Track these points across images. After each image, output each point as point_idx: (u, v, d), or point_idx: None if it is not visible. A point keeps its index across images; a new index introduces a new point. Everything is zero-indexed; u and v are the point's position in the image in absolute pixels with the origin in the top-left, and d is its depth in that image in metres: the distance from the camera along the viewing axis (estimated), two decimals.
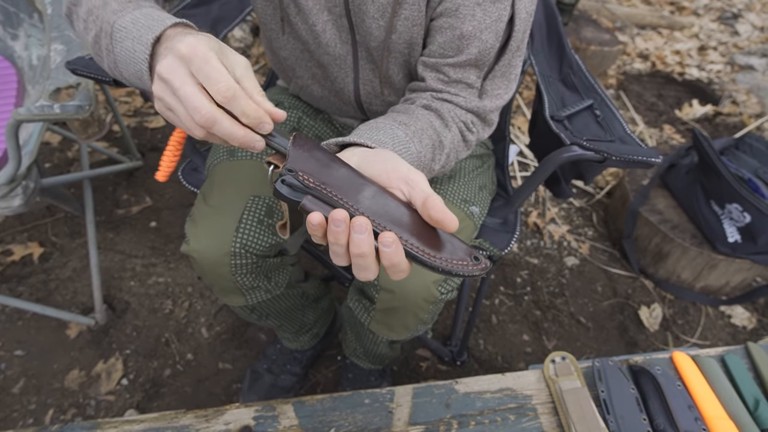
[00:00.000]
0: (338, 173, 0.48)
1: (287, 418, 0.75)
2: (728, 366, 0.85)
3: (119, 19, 0.52)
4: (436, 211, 0.44)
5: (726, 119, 2.47)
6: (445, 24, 0.66)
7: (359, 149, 0.54)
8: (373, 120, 0.64)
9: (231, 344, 1.34)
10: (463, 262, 0.45)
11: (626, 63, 2.89)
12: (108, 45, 0.54)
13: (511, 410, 0.78)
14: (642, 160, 0.77)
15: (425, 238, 0.45)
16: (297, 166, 0.47)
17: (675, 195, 1.64)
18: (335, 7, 0.70)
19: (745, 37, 3.38)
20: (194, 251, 0.77)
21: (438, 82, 0.70)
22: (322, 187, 0.46)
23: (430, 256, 0.44)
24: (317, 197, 0.46)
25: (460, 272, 0.44)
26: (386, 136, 0.58)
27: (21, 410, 1.18)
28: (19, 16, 1.20)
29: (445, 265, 0.44)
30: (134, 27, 0.51)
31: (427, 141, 0.64)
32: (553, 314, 1.51)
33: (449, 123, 0.69)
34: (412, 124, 0.63)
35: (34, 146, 1.05)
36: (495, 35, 0.66)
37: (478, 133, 0.74)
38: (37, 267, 1.46)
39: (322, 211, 0.45)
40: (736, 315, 1.57)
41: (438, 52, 0.69)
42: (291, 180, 0.46)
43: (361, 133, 0.58)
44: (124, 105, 2.07)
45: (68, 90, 0.94)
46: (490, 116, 0.74)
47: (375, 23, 0.69)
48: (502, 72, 0.71)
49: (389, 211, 0.46)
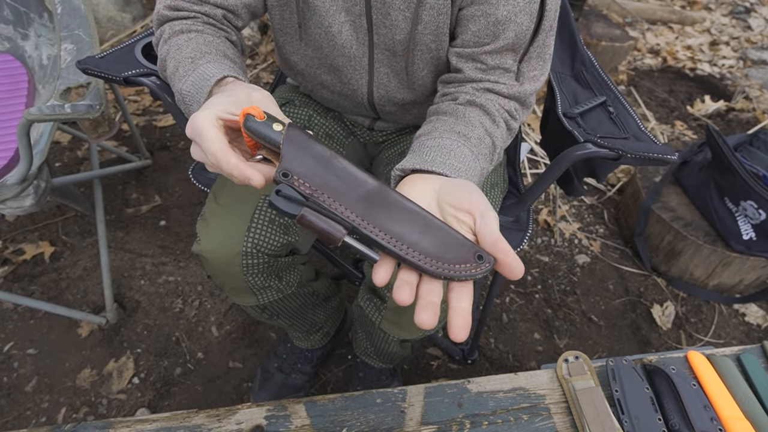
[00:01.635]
0: (337, 172, 0.46)
1: (299, 417, 0.75)
2: (744, 365, 0.84)
3: (183, 86, 0.62)
4: (505, 254, 0.44)
5: (739, 115, 2.43)
6: (478, 12, 0.65)
7: (442, 177, 0.55)
8: (434, 131, 0.63)
9: (241, 343, 1.34)
10: (466, 265, 0.44)
11: (637, 59, 2.85)
12: (185, 110, 0.65)
13: (524, 410, 0.77)
14: (657, 157, 0.76)
15: (429, 242, 0.44)
16: (291, 168, 0.45)
17: (688, 192, 1.62)
18: (354, 6, 0.69)
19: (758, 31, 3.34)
20: (206, 251, 0.77)
21: (477, 72, 0.69)
22: (319, 194, 0.44)
23: (432, 263, 0.43)
24: (315, 209, 0.44)
25: (461, 278, 0.43)
26: (457, 160, 0.58)
27: (34, 409, 1.19)
28: (29, 16, 1.20)
29: (446, 272, 0.43)
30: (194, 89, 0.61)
31: (485, 151, 0.64)
32: (565, 313, 1.50)
33: (497, 119, 0.68)
34: (471, 134, 0.63)
35: (45, 146, 1.05)
36: (530, 17, 0.65)
37: (520, 118, 0.73)
38: (49, 266, 1.47)
39: (323, 224, 0.43)
40: (750, 313, 1.55)
41: (473, 41, 0.68)
42: (288, 191, 0.44)
43: (433, 158, 0.57)
44: (133, 104, 2.08)
45: (78, 89, 0.95)
46: (530, 99, 0.73)
47: (401, 15, 0.68)
48: (538, 53, 0.70)
49: (392, 213, 0.45)
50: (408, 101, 0.82)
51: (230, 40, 0.71)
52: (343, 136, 0.95)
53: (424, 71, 0.75)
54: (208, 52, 0.64)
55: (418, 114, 0.86)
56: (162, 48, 0.68)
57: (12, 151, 1.05)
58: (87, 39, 1.03)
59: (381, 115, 0.88)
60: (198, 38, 0.66)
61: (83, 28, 1.04)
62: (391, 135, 0.96)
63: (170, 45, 0.67)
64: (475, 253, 0.44)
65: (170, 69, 0.65)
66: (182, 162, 1.85)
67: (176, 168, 1.82)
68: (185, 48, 0.65)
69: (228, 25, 0.73)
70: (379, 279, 0.44)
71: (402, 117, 0.88)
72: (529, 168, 1.97)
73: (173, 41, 0.67)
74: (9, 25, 1.23)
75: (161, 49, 0.68)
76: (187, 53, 0.64)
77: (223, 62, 0.62)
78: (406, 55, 0.73)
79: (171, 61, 0.65)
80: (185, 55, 0.64)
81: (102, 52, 0.87)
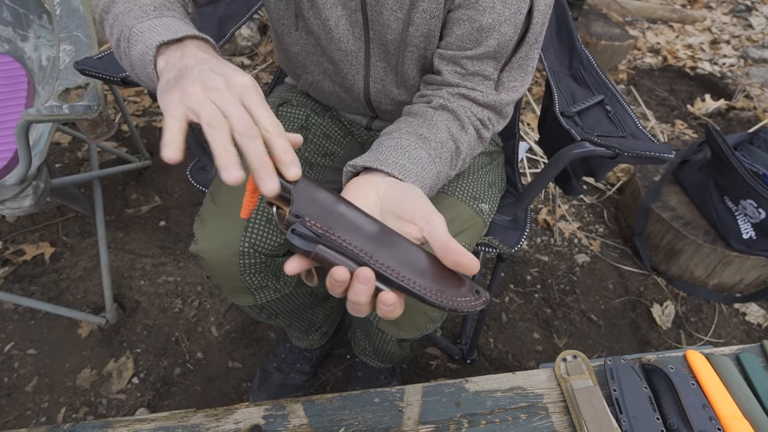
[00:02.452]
0: (344, 215, 0.48)
1: (297, 417, 0.75)
2: (743, 364, 0.84)
3: (138, 24, 0.55)
4: (456, 254, 0.45)
5: (739, 114, 2.43)
6: (464, 16, 0.66)
7: (388, 179, 0.55)
8: (396, 132, 0.64)
9: (241, 343, 1.34)
10: (465, 298, 0.46)
11: (637, 58, 2.85)
12: (126, 48, 0.56)
13: (522, 409, 0.77)
14: (654, 155, 0.75)
15: (431, 277, 0.47)
16: (303, 211, 0.47)
17: (687, 191, 1.62)
18: (350, 1, 0.70)
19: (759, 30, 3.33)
20: (203, 251, 0.77)
21: (455, 76, 0.70)
22: (330, 233, 0.47)
23: (435, 295, 0.46)
24: (328, 246, 0.46)
25: (463, 309, 0.46)
26: (410, 161, 0.59)
27: (34, 408, 1.19)
28: (28, 18, 1.21)
29: (449, 304, 0.46)
30: (149, 32, 0.54)
31: (446, 155, 0.65)
32: (564, 312, 1.50)
33: (466, 125, 0.68)
34: (432, 137, 0.63)
35: (44, 146, 1.05)
36: (514, 27, 0.66)
37: (493, 127, 0.73)
38: (49, 267, 1.48)
39: (335, 260, 0.45)
40: (750, 312, 1.55)
41: (456, 44, 0.68)
42: (302, 230, 0.46)
43: (386, 157, 0.58)
44: (133, 105, 2.08)
45: (77, 90, 0.95)
46: (506, 109, 0.74)
47: (393, 15, 0.68)
48: (519, 64, 0.71)
49: (397, 252, 0.47)
50: (403, 99, 0.82)
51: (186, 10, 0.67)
52: (340, 136, 0.95)
53: (413, 71, 0.76)
54: (171, 8, 0.60)
55: None
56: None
57: (11, 152, 1.05)
58: (85, 40, 1.03)
59: (378, 113, 0.88)
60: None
61: (82, 30, 1.04)
62: None
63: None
64: (472, 288, 0.47)
65: (120, 9, 0.59)
66: (182, 163, 1.84)
67: (176, 169, 1.82)
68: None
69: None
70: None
71: (398, 115, 0.88)
72: (528, 167, 1.97)
73: None
74: (8, 26, 1.24)
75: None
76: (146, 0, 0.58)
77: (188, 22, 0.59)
78: (397, 54, 0.73)
79: (122, 3, 0.59)
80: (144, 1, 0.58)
81: (100, 53, 0.87)
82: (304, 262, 0.47)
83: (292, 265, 0.46)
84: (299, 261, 0.46)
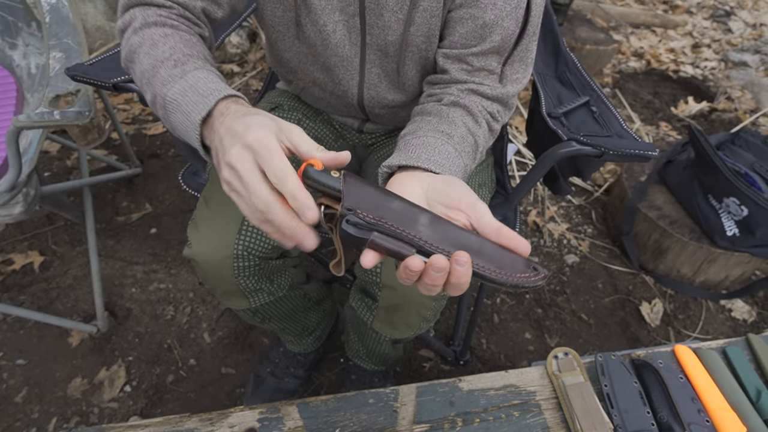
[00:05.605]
0: (393, 206, 0.50)
1: (292, 419, 0.75)
2: (730, 358, 0.86)
3: (168, 92, 0.57)
4: (509, 239, 0.48)
5: (721, 115, 2.48)
6: (466, 15, 0.67)
7: (428, 174, 0.57)
8: (419, 131, 0.65)
9: (234, 349, 1.34)
10: (524, 274, 0.47)
11: (621, 62, 2.90)
12: (163, 114, 0.59)
13: (515, 407, 0.78)
14: (639, 153, 0.77)
15: (487, 257, 0.48)
16: (354, 205, 0.48)
17: (673, 190, 1.65)
18: (349, 6, 0.71)
19: (738, 34, 3.41)
20: (196, 254, 0.78)
21: (462, 73, 0.71)
22: (383, 221, 0.48)
23: (497, 273, 0.47)
24: (383, 232, 0.47)
25: (524, 285, 0.47)
26: (442, 157, 0.60)
27: (24, 419, 1.18)
28: (17, 26, 1.20)
29: (511, 280, 0.47)
30: (183, 100, 0.56)
31: (468, 149, 0.66)
32: (555, 312, 1.51)
33: (479, 119, 0.70)
34: (454, 133, 0.65)
35: (34, 154, 1.05)
36: (516, 21, 0.67)
37: (502, 119, 0.75)
38: (38, 276, 1.46)
39: (392, 245, 0.47)
40: (736, 309, 1.58)
41: (460, 43, 0.70)
42: (355, 219, 0.47)
43: (419, 155, 0.59)
44: (123, 112, 2.08)
45: (67, 97, 0.95)
46: (512, 101, 0.75)
47: (394, 16, 0.70)
48: (521, 57, 0.72)
49: (449, 236, 0.49)
50: (397, 103, 0.83)
51: (203, 36, 0.69)
52: (332, 140, 0.96)
53: (413, 71, 0.77)
54: (190, 55, 0.60)
55: (406, 116, 0.87)
56: (131, 38, 0.63)
57: (1, 159, 1.05)
58: (76, 47, 1.03)
59: (370, 116, 0.89)
60: (175, 35, 0.62)
61: (72, 37, 1.05)
62: (381, 137, 0.98)
63: (142, 37, 0.62)
64: (529, 265, 0.48)
65: (145, 65, 0.61)
66: (172, 170, 1.85)
67: (166, 176, 1.82)
68: (161, 45, 0.60)
69: (203, 20, 0.70)
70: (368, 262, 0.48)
71: (391, 119, 0.90)
72: (517, 170, 1.99)
73: (146, 33, 0.62)
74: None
75: (130, 39, 0.63)
76: (166, 52, 0.60)
77: (210, 69, 0.60)
78: (398, 56, 0.74)
79: (145, 57, 0.61)
80: (163, 54, 0.60)
81: (91, 59, 0.88)
82: (377, 253, 0.48)
83: (368, 257, 0.48)
84: (372, 253, 0.48)
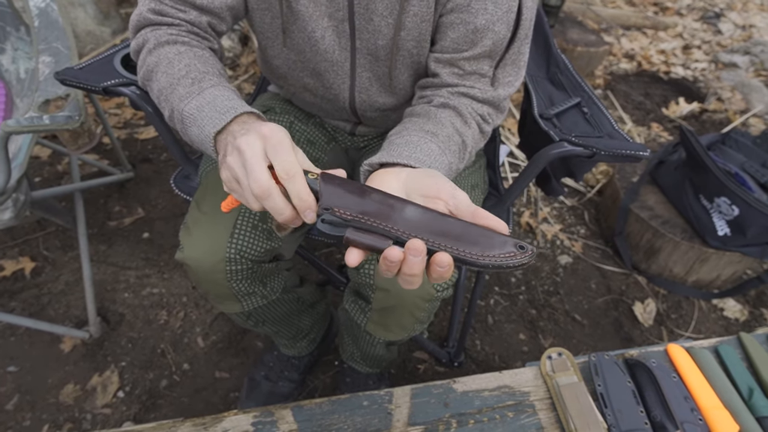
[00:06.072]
0: (370, 200, 0.51)
1: (286, 423, 0.75)
2: (722, 357, 0.86)
3: (185, 107, 0.61)
4: (486, 220, 0.49)
5: (712, 116, 2.50)
6: (457, 20, 0.68)
7: (406, 169, 0.57)
8: (404, 131, 0.65)
9: (227, 353, 1.33)
10: (509, 254, 0.47)
11: (613, 63, 2.92)
12: (182, 128, 0.63)
13: (510, 407, 0.78)
14: (630, 153, 0.78)
15: (468, 241, 0.48)
16: (331, 203, 0.50)
17: (664, 191, 1.66)
18: (337, 11, 0.71)
19: (728, 35, 3.44)
20: (189, 258, 0.77)
21: (453, 77, 0.72)
22: (360, 217, 0.49)
23: (478, 256, 0.47)
24: (358, 228, 0.48)
25: (509, 264, 0.47)
26: (423, 154, 0.61)
27: (16, 427, 1.16)
28: (5, 30, 1.19)
29: (493, 261, 0.47)
30: (200, 115, 0.59)
31: (454, 147, 0.66)
32: (549, 313, 1.52)
33: (468, 120, 0.70)
34: (439, 132, 0.65)
35: (24, 159, 1.04)
36: (507, 26, 0.68)
37: (493, 122, 0.75)
38: (29, 282, 1.45)
39: (368, 240, 0.48)
40: (728, 308, 1.59)
41: (452, 47, 0.70)
42: (330, 217, 0.49)
43: (400, 152, 0.60)
44: (114, 117, 2.07)
45: (57, 101, 0.94)
46: (503, 104, 0.76)
47: (384, 21, 0.70)
48: (513, 60, 0.73)
49: (430, 224, 0.49)
50: (389, 106, 0.83)
51: (213, 49, 0.72)
52: (324, 142, 0.96)
53: (404, 75, 0.77)
54: (206, 72, 0.64)
55: (398, 119, 0.87)
56: (147, 58, 0.67)
57: None
58: (65, 51, 1.03)
59: (362, 120, 0.89)
60: (188, 52, 0.66)
61: (61, 41, 1.04)
62: (373, 140, 0.98)
63: (158, 56, 0.65)
64: (515, 244, 0.47)
65: (162, 83, 0.64)
66: (164, 174, 1.84)
67: (158, 180, 1.81)
68: (177, 63, 0.64)
69: (211, 33, 0.73)
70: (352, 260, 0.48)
71: (383, 122, 0.90)
72: (510, 172, 2.00)
73: (161, 52, 0.66)
74: None
75: (146, 59, 0.67)
76: (182, 70, 0.63)
77: (226, 86, 0.64)
78: (389, 60, 0.74)
79: (162, 75, 0.64)
80: (180, 72, 0.63)
81: (81, 63, 0.87)
82: (359, 250, 0.49)
83: (351, 256, 0.48)
84: (354, 251, 0.49)
